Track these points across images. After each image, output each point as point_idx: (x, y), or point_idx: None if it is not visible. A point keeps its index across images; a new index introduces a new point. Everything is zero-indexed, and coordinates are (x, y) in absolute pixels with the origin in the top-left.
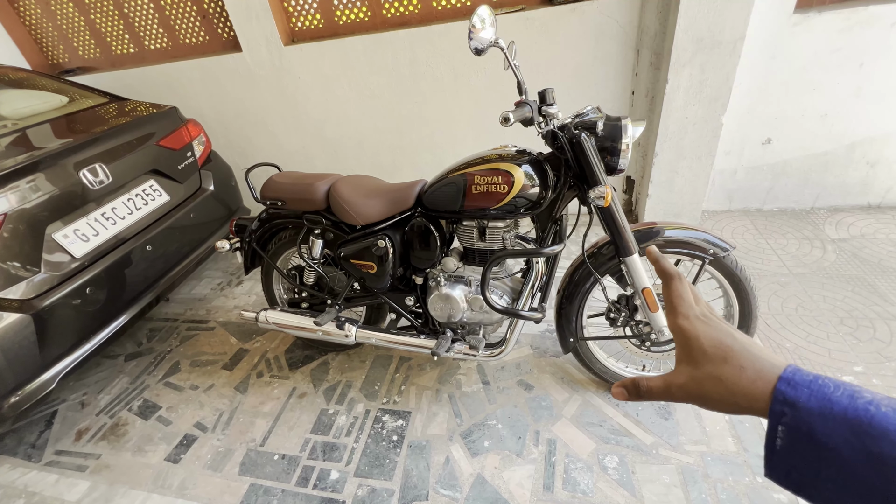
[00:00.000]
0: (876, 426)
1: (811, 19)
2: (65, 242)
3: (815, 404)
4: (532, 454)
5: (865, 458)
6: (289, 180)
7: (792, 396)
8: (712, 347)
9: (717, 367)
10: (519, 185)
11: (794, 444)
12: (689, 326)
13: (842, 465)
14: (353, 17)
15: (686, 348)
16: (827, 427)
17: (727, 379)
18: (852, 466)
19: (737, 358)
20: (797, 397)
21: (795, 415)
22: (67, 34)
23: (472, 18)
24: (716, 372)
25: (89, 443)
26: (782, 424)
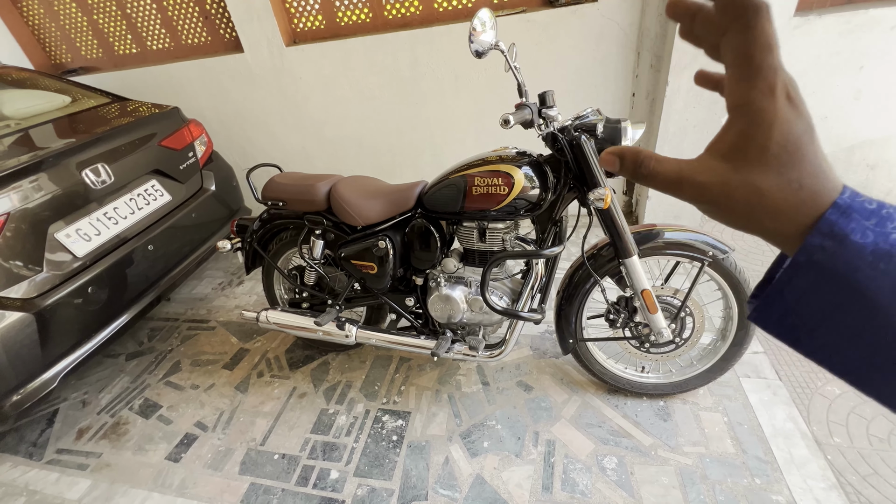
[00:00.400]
0: None
1: (811, 22)
2: (67, 242)
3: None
4: (531, 455)
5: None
6: (290, 181)
7: (842, 228)
8: (782, 147)
9: (769, 175)
10: (519, 187)
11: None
12: (770, 108)
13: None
14: (354, 19)
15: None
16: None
17: (771, 193)
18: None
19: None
20: (848, 230)
21: (838, 251)
22: (70, 34)
23: (473, 21)
24: (761, 182)
25: (90, 441)
26: (812, 262)
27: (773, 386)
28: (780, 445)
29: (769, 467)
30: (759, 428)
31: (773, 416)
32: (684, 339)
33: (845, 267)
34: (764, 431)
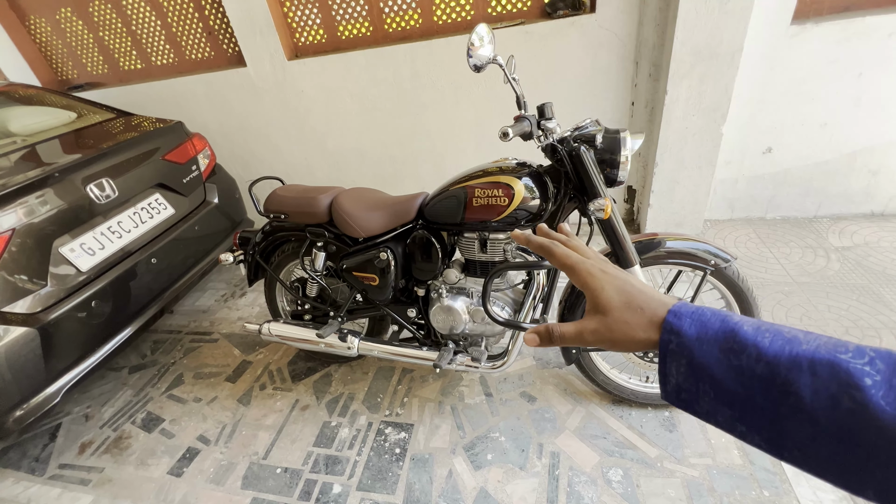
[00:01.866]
0: (739, 342)
1: (808, 31)
2: (71, 256)
3: (693, 330)
4: (535, 467)
5: (732, 372)
6: (291, 193)
7: (677, 326)
8: (617, 295)
9: (623, 312)
10: (519, 198)
11: (678, 366)
12: (592, 280)
13: (713, 380)
14: (355, 32)
15: (594, 300)
16: (702, 349)
17: (630, 321)
18: (721, 380)
19: (636, 300)
20: (681, 326)
21: (679, 341)
22: (76, 51)
23: (471, 37)
24: (622, 317)
25: (93, 456)
26: (669, 351)
27: None
28: None
29: (777, 479)
30: None
31: None
32: None
33: (686, 350)
34: None
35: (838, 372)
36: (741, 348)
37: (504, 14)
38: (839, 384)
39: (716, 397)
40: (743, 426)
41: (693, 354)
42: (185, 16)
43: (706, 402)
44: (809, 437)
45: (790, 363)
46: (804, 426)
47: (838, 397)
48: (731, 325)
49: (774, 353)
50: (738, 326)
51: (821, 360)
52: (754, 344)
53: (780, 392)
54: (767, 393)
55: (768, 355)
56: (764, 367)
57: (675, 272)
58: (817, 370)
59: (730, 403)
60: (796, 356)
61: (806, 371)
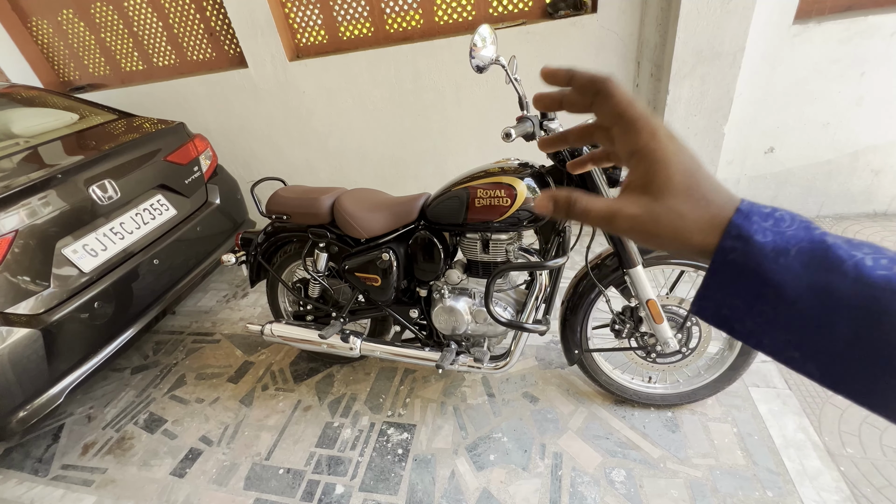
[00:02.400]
0: (831, 257)
1: (810, 30)
2: (74, 257)
3: (769, 238)
4: (538, 468)
5: (812, 291)
6: (293, 194)
7: (747, 231)
8: (682, 175)
9: (682, 200)
10: (521, 199)
11: (736, 279)
12: (659, 148)
13: (782, 300)
14: (356, 33)
15: (650, 174)
16: (777, 263)
17: (687, 214)
18: (794, 300)
19: (703, 189)
20: (751, 232)
21: (746, 250)
22: (78, 52)
23: (474, 37)
24: (679, 207)
25: (95, 457)
26: (728, 262)
27: (783, 395)
28: (792, 457)
29: (781, 479)
30: (769, 439)
31: (783, 426)
32: (691, 348)
33: (753, 262)
34: (775, 442)
35: None
36: (833, 265)
37: (505, 14)
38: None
39: (775, 318)
40: (799, 352)
41: (763, 268)
42: (186, 17)
43: (756, 322)
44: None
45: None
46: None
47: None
48: (818, 235)
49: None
50: (829, 238)
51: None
52: (853, 263)
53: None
54: (855, 318)
55: (871, 277)
56: (861, 289)
57: (677, 272)
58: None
59: (793, 327)
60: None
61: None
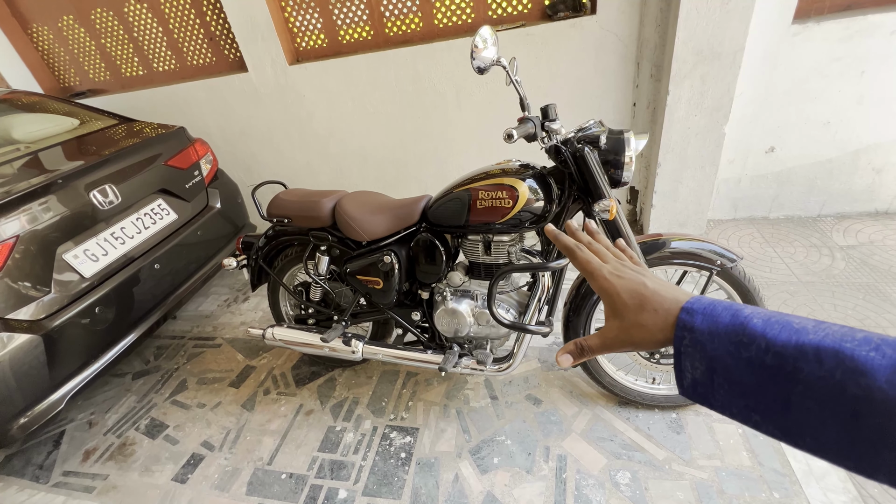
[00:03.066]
0: (748, 334)
1: (810, 29)
2: (75, 263)
3: (705, 325)
4: (542, 471)
5: (743, 363)
6: (294, 197)
7: (689, 323)
8: (631, 299)
9: (638, 315)
10: (523, 200)
11: (693, 362)
12: (608, 286)
13: (727, 372)
14: (356, 36)
15: (611, 305)
16: (714, 343)
17: (646, 323)
18: (733, 372)
19: (650, 303)
20: (693, 322)
21: (692, 337)
22: (79, 58)
23: (475, 39)
24: (637, 319)
25: (97, 463)
26: (683, 347)
27: None
28: (798, 457)
29: (787, 480)
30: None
31: None
32: None
33: (700, 345)
34: (780, 443)
35: (843, 359)
36: (750, 340)
37: (505, 17)
38: (844, 371)
39: (730, 389)
40: (757, 416)
41: (706, 349)
42: (186, 22)
43: (721, 395)
44: (820, 423)
45: (797, 352)
46: (814, 413)
47: (844, 384)
48: (741, 318)
49: (782, 343)
50: (748, 319)
51: (826, 348)
52: (763, 335)
53: (788, 381)
54: (777, 382)
55: (776, 345)
56: (773, 358)
57: (680, 272)
58: (823, 358)
59: (743, 394)
60: (802, 345)
61: (812, 360)
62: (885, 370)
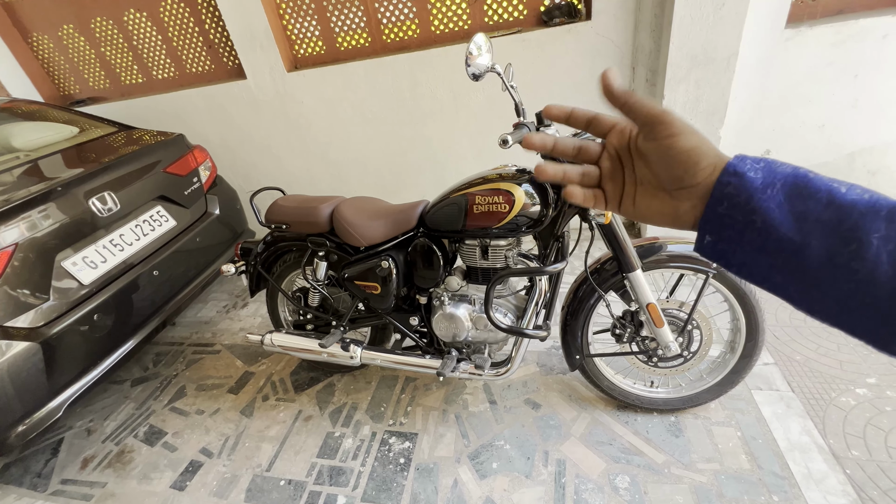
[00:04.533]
0: (811, 187)
1: (803, 34)
2: (73, 270)
3: (758, 175)
4: (541, 475)
5: (792, 216)
6: (293, 204)
7: (741, 169)
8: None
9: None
10: (520, 205)
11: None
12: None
13: (767, 226)
14: (353, 43)
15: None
16: (765, 194)
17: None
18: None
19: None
20: (745, 170)
21: (740, 184)
22: (78, 66)
23: (469, 46)
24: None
25: (95, 471)
26: (725, 193)
27: (786, 398)
28: (797, 460)
29: (786, 483)
30: (773, 442)
31: (787, 429)
32: (692, 352)
33: (745, 194)
34: (779, 445)
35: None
36: (811, 193)
37: (501, 23)
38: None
39: (761, 246)
40: (780, 276)
41: (752, 198)
42: (185, 30)
43: (746, 253)
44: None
45: (867, 209)
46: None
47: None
48: (803, 171)
49: (851, 200)
50: (811, 173)
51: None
52: (828, 190)
53: (842, 238)
54: (827, 239)
55: (843, 200)
56: (832, 212)
57: (677, 276)
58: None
59: (775, 251)
60: (876, 202)
61: (883, 218)
62: None
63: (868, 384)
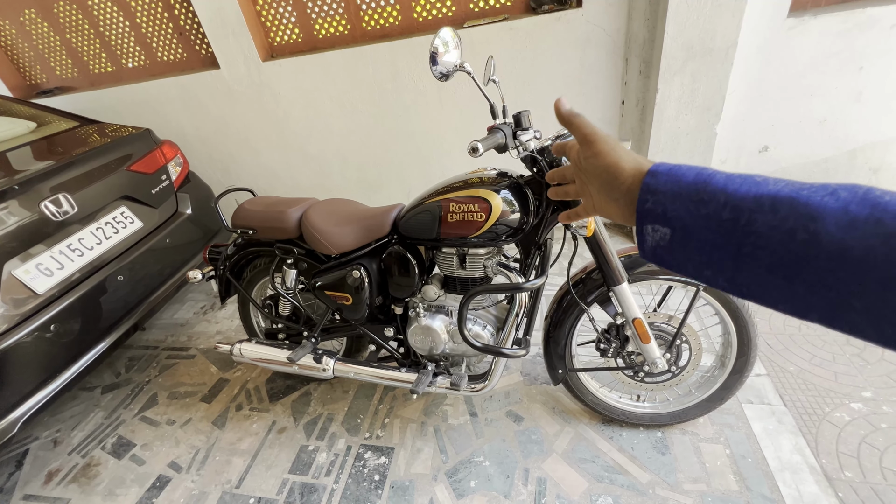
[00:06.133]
0: (709, 191)
1: (806, 23)
2: (26, 279)
3: (668, 187)
4: (521, 495)
5: (701, 220)
6: (260, 207)
7: (653, 185)
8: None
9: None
10: (497, 213)
11: (654, 223)
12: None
13: (685, 230)
14: (332, 31)
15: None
16: (675, 204)
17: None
18: (691, 229)
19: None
20: (657, 185)
21: (655, 199)
22: (44, 54)
23: (434, 41)
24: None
25: (59, 486)
26: (645, 210)
27: (778, 412)
28: (787, 481)
29: None
30: (763, 461)
31: (778, 447)
32: (680, 367)
33: (661, 207)
34: (769, 465)
35: (797, 206)
36: (710, 197)
37: (487, 10)
38: (797, 217)
39: (686, 246)
40: (709, 271)
41: (667, 209)
42: (153, 16)
43: (679, 254)
44: (766, 271)
45: (754, 203)
46: (762, 262)
47: (794, 230)
48: (704, 176)
49: (741, 196)
50: (711, 177)
51: (782, 197)
52: (723, 190)
53: (743, 232)
54: (731, 235)
55: (735, 199)
56: (730, 211)
57: (665, 287)
58: (778, 207)
59: (699, 250)
60: (760, 196)
61: (767, 209)
62: (836, 213)
63: (863, 398)
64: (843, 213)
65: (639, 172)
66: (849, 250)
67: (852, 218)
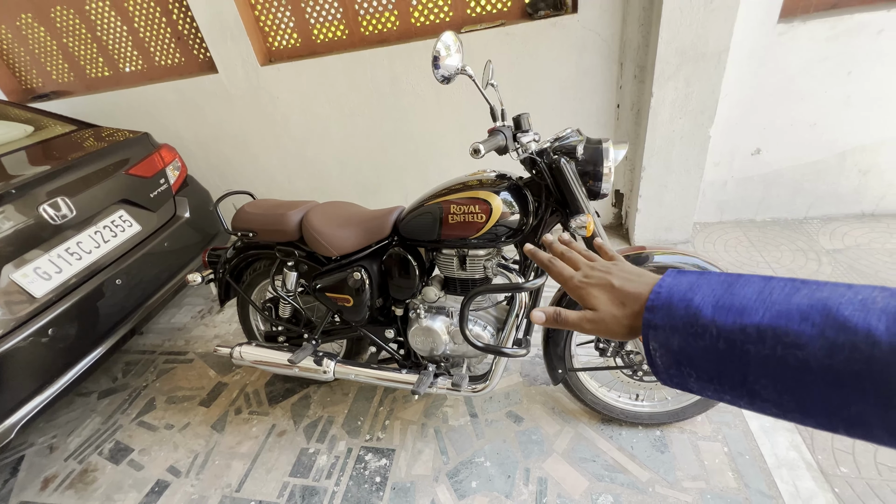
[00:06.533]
0: (700, 325)
1: (796, 28)
2: (24, 283)
3: (665, 322)
4: (522, 495)
5: (701, 352)
6: (260, 210)
7: (652, 321)
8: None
9: (610, 308)
10: (497, 214)
11: (661, 356)
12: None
13: (691, 361)
14: (330, 36)
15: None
16: (674, 337)
17: (618, 314)
18: (696, 360)
19: (619, 298)
20: (655, 321)
21: (655, 334)
22: (40, 58)
23: (437, 45)
24: (611, 312)
25: (56, 492)
26: (650, 346)
27: None
28: (785, 477)
29: (774, 503)
30: (761, 458)
31: (775, 444)
32: None
33: (663, 340)
34: (766, 462)
35: (780, 336)
36: (703, 330)
37: (483, 15)
38: (783, 346)
39: (698, 376)
40: (728, 396)
41: (668, 344)
42: (152, 20)
43: (693, 382)
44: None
45: (742, 335)
46: (769, 387)
47: (786, 358)
48: (693, 309)
49: (729, 329)
50: (699, 309)
51: (764, 327)
52: (712, 322)
53: (741, 362)
54: (732, 365)
55: (724, 331)
56: (724, 343)
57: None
58: (764, 337)
59: (710, 379)
60: (745, 327)
61: (755, 339)
62: (815, 341)
63: None
64: (822, 338)
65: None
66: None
67: (831, 343)
